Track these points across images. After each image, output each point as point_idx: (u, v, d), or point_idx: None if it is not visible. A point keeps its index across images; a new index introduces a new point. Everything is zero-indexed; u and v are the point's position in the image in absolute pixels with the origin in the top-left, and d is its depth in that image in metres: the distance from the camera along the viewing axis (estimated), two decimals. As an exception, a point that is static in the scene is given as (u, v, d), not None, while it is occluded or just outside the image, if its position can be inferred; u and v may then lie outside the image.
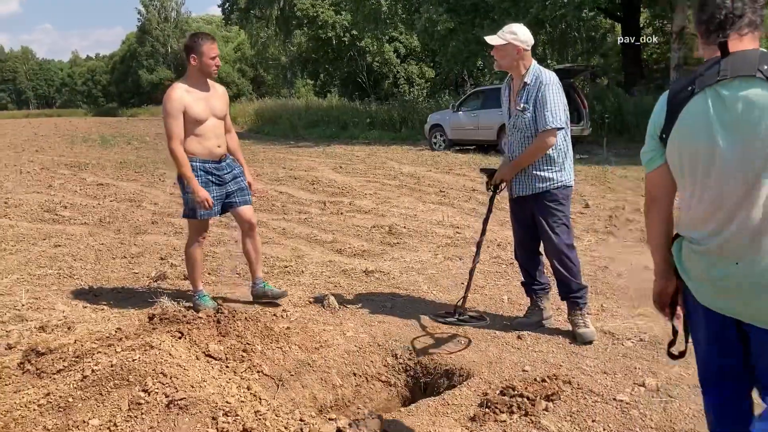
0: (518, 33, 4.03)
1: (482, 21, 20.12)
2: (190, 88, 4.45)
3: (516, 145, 4.21)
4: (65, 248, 6.80)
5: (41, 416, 2.94)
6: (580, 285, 4.16)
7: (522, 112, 4.08)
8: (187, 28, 66.39)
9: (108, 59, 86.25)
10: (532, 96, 4.04)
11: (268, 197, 10.04)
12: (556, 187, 4.10)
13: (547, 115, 3.96)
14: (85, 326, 4.43)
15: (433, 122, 18.81)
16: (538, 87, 4.02)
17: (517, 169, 4.16)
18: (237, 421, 2.70)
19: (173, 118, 4.35)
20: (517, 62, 4.06)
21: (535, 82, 4.04)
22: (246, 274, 5.86)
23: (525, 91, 4.07)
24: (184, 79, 4.51)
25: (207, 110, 4.49)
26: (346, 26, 34.12)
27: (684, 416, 3.08)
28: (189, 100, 4.40)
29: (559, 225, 4.11)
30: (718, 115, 1.81)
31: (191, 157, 4.46)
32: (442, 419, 3.17)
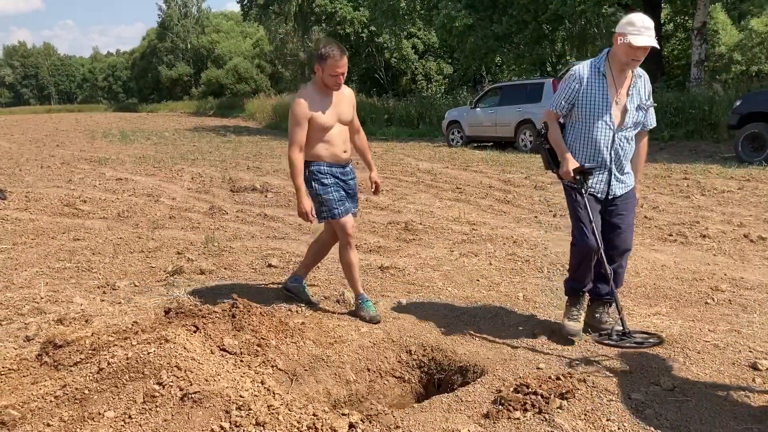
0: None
1: (500, 17, 20.04)
2: (316, 94, 4.33)
3: (620, 145, 3.95)
4: (84, 242, 6.87)
5: (57, 408, 2.97)
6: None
7: (643, 110, 3.98)
8: (207, 24, 66.72)
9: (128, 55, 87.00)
10: (644, 91, 3.97)
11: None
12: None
13: (653, 112, 4.04)
14: (103, 319, 4.47)
15: (451, 119, 18.77)
16: (645, 81, 3.97)
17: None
18: (250, 415, 2.71)
19: (298, 126, 4.28)
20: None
21: (643, 76, 3.98)
22: (262, 269, 5.90)
23: (635, 86, 3.92)
24: (312, 83, 4.38)
25: (333, 117, 4.38)
26: (364, 22, 34.11)
27: (699, 416, 3.05)
28: (315, 108, 4.30)
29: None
30: None
31: (318, 162, 4.39)
32: (456, 416, 3.16)
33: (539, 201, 9.07)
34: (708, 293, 4.92)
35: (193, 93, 62.83)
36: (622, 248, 4.04)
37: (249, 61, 58.94)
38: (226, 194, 10.22)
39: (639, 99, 3.92)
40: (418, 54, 36.45)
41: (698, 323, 4.30)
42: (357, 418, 2.90)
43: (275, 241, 7.01)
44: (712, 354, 3.78)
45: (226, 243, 6.85)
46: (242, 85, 56.67)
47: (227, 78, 57.34)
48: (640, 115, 3.94)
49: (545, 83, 15.88)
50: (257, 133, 27.16)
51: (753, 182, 9.87)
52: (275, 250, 6.52)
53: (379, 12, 26.98)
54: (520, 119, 16.23)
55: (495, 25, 19.91)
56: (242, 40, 64.33)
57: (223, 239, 7.04)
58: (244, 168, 13.51)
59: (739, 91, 16.31)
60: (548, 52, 21.40)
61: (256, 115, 38.03)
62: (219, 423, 2.68)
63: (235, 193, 10.26)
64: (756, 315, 4.45)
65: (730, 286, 5.09)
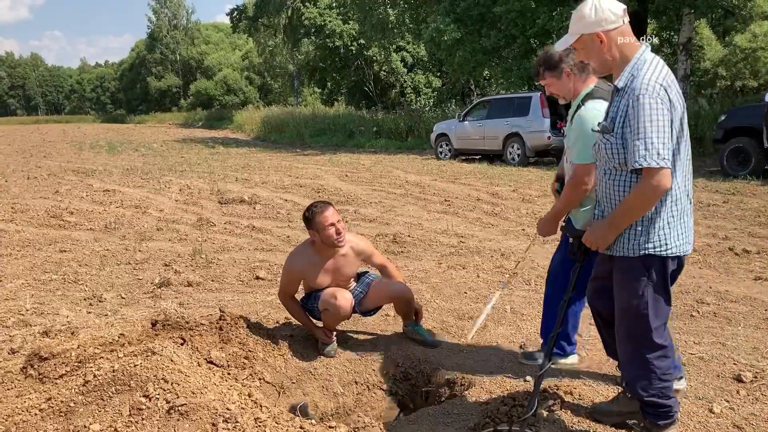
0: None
1: (489, 31, 20.19)
2: (315, 255, 4.05)
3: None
4: (70, 254, 6.83)
5: (42, 421, 2.95)
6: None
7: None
8: (197, 35, 66.75)
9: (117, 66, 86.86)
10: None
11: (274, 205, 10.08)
12: None
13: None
14: (89, 332, 4.43)
15: (439, 131, 18.86)
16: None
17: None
18: (237, 427, 2.70)
19: (287, 280, 4.13)
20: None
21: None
22: (249, 281, 5.89)
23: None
24: (310, 243, 4.07)
25: (328, 279, 4.10)
26: (353, 35, 34.31)
27: (684, 428, 3.07)
28: (309, 269, 4.05)
29: None
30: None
31: (318, 292, 4.15)
32: (443, 428, 3.17)
33: (526, 214, 9.12)
34: (693, 306, 4.96)
35: (182, 104, 62.81)
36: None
37: (238, 72, 59.05)
38: (214, 206, 10.20)
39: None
40: (406, 67, 36.68)
41: (683, 335, 4.33)
42: (344, 430, 2.90)
43: (263, 253, 7.00)
44: (697, 366, 3.81)
45: (213, 255, 6.83)
46: (231, 97, 56.76)
47: (216, 89, 57.41)
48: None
49: (533, 97, 16.00)
50: (246, 145, 27.16)
51: (738, 196, 9.97)
52: (263, 262, 6.51)
53: (368, 25, 27.13)
54: (508, 132, 16.32)
55: (483, 39, 20.04)
56: (231, 51, 64.49)
57: (211, 251, 7.03)
58: (232, 180, 13.50)
59: (724, 106, 16.50)
60: (536, 66, 21.53)
61: (245, 126, 38.06)
62: (206, 436, 2.66)
63: (223, 205, 10.24)
64: (740, 327, 4.49)
65: (715, 299, 5.13)
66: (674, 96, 2.55)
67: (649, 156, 2.45)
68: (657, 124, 2.46)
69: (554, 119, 15.61)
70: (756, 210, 8.70)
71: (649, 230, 2.64)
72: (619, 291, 2.81)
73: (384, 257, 4.45)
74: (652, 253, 2.66)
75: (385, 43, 29.68)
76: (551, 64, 3.39)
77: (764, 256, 6.44)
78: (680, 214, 2.68)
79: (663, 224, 2.64)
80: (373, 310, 4.35)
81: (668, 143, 2.47)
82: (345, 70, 37.07)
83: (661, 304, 2.74)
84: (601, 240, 2.76)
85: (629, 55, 2.66)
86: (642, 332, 2.74)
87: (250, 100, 55.58)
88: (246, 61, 59.31)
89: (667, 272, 2.73)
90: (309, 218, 3.93)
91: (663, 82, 2.55)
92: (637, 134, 2.49)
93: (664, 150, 2.45)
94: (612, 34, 2.65)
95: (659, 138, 2.45)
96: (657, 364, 2.75)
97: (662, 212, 2.63)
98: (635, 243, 2.67)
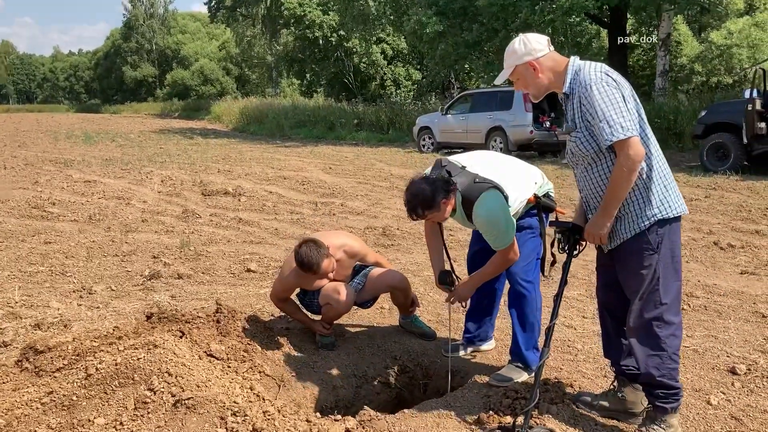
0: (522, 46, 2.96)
1: (471, 24, 20.20)
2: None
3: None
4: (56, 245, 6.73)
5: (44, 415, 2.91)
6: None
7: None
8: (173, 25, 65.94)
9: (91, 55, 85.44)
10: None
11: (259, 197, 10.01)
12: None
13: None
14: (82, 324, 4.39)
15: (422, 124, 18.87)
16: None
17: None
18: (246, 421, 2.69)
19: (282, 288, 4.09)
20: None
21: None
22: (241, 274, 5.86)
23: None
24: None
25: (325, 282, 4.02)
26: (333, 26, 34.09)
27: (684, 419, 3.12)
28: (306, 280, 3.96)
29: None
30: None
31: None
32: (446, 421, 3.18)
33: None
34: (684, 299, 5.02)
35: (158, 94, 62.04)
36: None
37: (215, 63, 58.47)
38: (197, 198, 10.11)
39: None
40: (386, 59, 36.55)
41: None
42: (353, 423, 2.90)
43: (252, 245, 6.96)
44: (692, 359, 3.88)
45: (201, 247, 6.78)
46: (208, 87, 56.22)
47: (193, 80, 56.81)
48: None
49: (516, 91, 16.04)
50: (224, 136, 26.96)
51: (719, 191, 10.12)
52: (253, 255, 6.47)
53: (349, 17, 26.98)
54: (491, 126, 16.38)
55: (465, 33, 20.05)
56: (208, 41, 63.79)
57: (199, 243, 6.97)
58: (214, 171, 13.38)
59: (703, 102, 16.72)
60: (517, 60, 21.60)
61: (223, 117, 37.73)
62: (215, 429, 2.64)
63: (206, 197, 10.15)
64: (731, 321, 4.57)
65: (704, 293, 5.21)
66: (617, 77, 2.78)
67: (615, 131, 2.64)
68: (611, 102, 2.68)
69: (536, 113, 15.72)
70: (737, 205, 8.84)
71: (650, 198, 2.79)
72: (628, 275, 2.89)
73: (377, 254, 4.44)
74: (660, 218, 2.78)
75: (365, 35, 29.53)
76: (428, 203, 3.25)
77: (748, 250, 6.55)
78: (668, 175, 2.87)
79: (660, 188, 2.81)
80: (370, 300, 4.34)
81: (627, 115, 2.67)
82: (324, 61, 36.82)
83: (670, 279, 2.83)
84: (600, 230, 2.85)
85: (562, 68, 2.91)
86: (654, 310, 2.82)
87: (227, 90, 55.09)
88: (223, 52, 58.72)
89: (675, 236, 2.88)
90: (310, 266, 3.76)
91: (602, 69, 2.79)
92: (598, 118, 2.69)
93: (626, 121, 2.64)
94: (542, 60, 2.91)
95: (617, 113, 2.66)
96: (668, 342, 2.83)
97: (654, 177, 2.80)
98: (642, 216, 2.79)
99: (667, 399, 2.87)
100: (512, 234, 3.32)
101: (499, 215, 3.26)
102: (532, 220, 3.57)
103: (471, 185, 3.32)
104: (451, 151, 18.01)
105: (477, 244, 3.88)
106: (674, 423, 2.90)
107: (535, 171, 3.67)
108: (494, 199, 3.26)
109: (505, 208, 3.27)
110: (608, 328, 3.20)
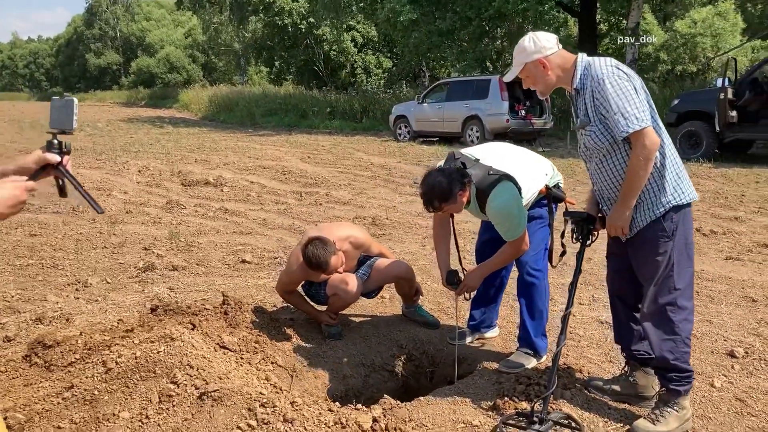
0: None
1: (444, 13, 20.26)
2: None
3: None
4: (42, 237, 6.62)
5: (66, 409, 2.89)
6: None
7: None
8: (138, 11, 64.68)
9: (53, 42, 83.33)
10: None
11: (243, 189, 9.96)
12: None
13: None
14: (84, 318, 4.35)
15: (398, 113, 18.88)
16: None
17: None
18: (276, 411, 2.71)
19: (289, 281, 4.09)
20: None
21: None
22: (236, 265, 5.85)
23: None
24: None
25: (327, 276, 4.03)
26: (303, 13, 33.78)
27: (691, 402, 3.23)
28: (313, 273, 3.92)
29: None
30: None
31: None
32: (462, 407, 3.24)
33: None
34: (675, 285, 5.16)
35: (123, 82, 60.89)
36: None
37: (181, 50, 57.56)
38: (179, 188, 10.01)
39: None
40: (357, 47, 36.39)
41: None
42: (379, 412, 2.95)
43: (242, 236, 6.93)
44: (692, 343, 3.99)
45: (191, 238, 6.74)
46: (174, 75, 55.36)
47: (159, 67, 55.87)
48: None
49: (492, 80, 16.18)
50: (195, 125, 26.63)
51: (694, 178, 10.34)
52: (245, 246, 6.45)
53: (320, 4, 26.79)
54: (467, 115, 16.47)
55: (439, 21, 20.11)
56: (174, 28, 62.74)
57: (188, 234, 6.92)
58: (191, 161, 13.23)
59: (673, 91, 17.03)
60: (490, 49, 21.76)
61: (191, 106, 37.25)
62: (246, 421, 2.66)
63: (187, 187, 10.06)
64: (723, 306, 4.72)
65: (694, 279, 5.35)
66: (627, 70, 2.86)
67: (630, 123, 2.72)
68: (624, 95, 2.75)
69: (512, 102, 15.85)
70: (714, 192, 9.07)
71: (664, 186, 2.86)
72: (643, 262, 2.96)
73: (380, 245, 4.48)
74: (675, 204, 2.86)
75: (336, 23, 29.37)
76: (445, 196, 3.32)
77: (730, 236, 6.74)
78: (679, 162, 2.96)
79: (673, 176, 2.88)
80: (374, 291, 4.39)
81: (641, 106, 2.74)
82: (294, 49, 36.49)
83: (684, 265, 2.93)
84: (621, 221, 2.91)
85: (570, 64, 2.97)
86: (669, 295, 2.91)
87: (194, 78, 54.31)
88: (189, 39, 57.79)
89: (688, 222, 2.95)
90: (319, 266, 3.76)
91: (612, 62, 2.86)
92: (612, 111, 2.76)
93: (640, 112, 2.72)
94: (551, 58, 2.97)
95: (631, 105, 2.73)
96: (682, 326, 2.92)
97: (668, 165, 2.87)
98: (657, 203, 2.87)
99: (681, 382, 2.97)
100: (524, 225, 3.40)
101: (512, 207, 3.33)
102: (542, 210, 3.65)
103: (485, 177, 3.37)
104: (427, 140, 18.09)
105: (486, 234, 3.94)
106: (686, 405, 3.01)
107: (546, 162, 3.75)
108: (508, 191, 3.32)
109: (518, 200, 3.34)
110: (619, 315, 3.29)
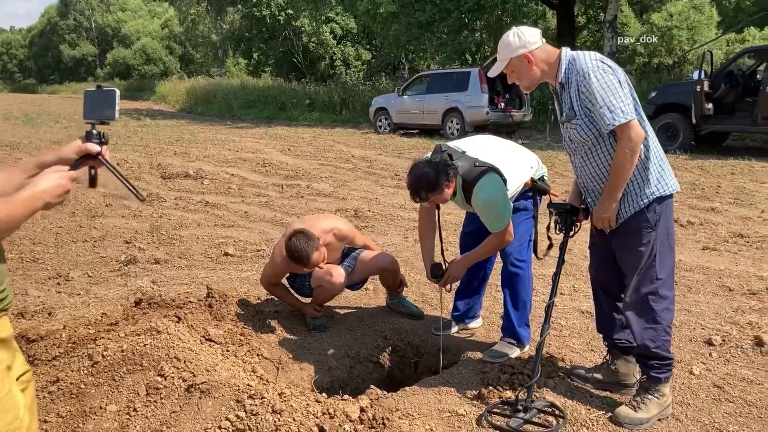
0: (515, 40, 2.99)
1: (424, 5, 20.27)
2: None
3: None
4: (20, 231, 6.52)
5: (53, 403, 2.89)
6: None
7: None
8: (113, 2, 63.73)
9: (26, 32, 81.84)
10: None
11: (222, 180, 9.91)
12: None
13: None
14: (67, 312, 4.33)
15: (378, 105, 18.85)
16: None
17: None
18: (264, 402, 2.72)
19: (273, 273, 4.09)
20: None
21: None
22: (218, 258, 5.84)
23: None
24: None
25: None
26: (281, 5, 33.55)
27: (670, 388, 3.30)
28: (295, 267, 3.91)
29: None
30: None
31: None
32: (447, 397, 3.28)
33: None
34: (654, 275, 5.25)
35: (98, 74, 59.98)
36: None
37: (157, 41, 56.88)
38: (158, 181, 9.93)
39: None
40: (336, 39, 36.24)
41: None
42: (366, 402, 2.97)
43: (224, 229, 6.92)
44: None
45: (173, 231, 6.71)
46: (151, 67, 54.68)
47: (135, 59, 55.15)
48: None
49: (472, 72, 16.22)
50: (173, 117, 26.40)
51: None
52: (227, 239, 6.44)
53: (299, -5, 26.67)
54: (448, 107, 16.50)
55: (419, 13, 20.11)
56: (150, 19, 61.93)
57: (169, 227, 6.89)
58: (170, 153, 13.13)
59: (650, 83, 17.21)
60: (469, 41, 21.80)
61: (168, 98, 36.87)
62: (234, 413, 2.67)
63: (167, 180, 9.99)
64: (701, 295, 4.81)
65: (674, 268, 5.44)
66: (611, 63, 2.91)
67: (615, 116, 2.76)
68: (609, 88, 2.79)
69: (492, 95, 15.91)
70: (690, 183, 9.20)
71: (648, 178, 2.90)
72: (627, 252, 3.03)
73: (365, 237, 4.50)
74: (658, 195, 2.91)
75: (315, 15, 29.22)
76: (432, 186, 3.33)
77: (707, 227, 6.86)
78: (662, 154, 3.01)
79: (657, 168, 2.93)
80: (359, 283, 4.41)
81: (626, 99, 2.79)
82: (272, 40, 36.23)
83: (666, 255, 3.00)
84: (608, 213, 2.95)
85: (554, 59, 2.99)
86: (651, 285, 2.97)
87: (171, 70, 53.71)
88: (166, 30, 57.12)
89: (670, 213, 3.02)
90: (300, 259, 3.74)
91: (597, 56, 2.90)
92: (598, 104, 2.79)
93: (625, 106, 2.76)
94: (536, 53, 2.98)
95: (616, 98, 2.77)
96: (663, 315, 2.99)
97: (652, 157, 2.91)
98: (641, 195, 2.91)
99: (661, 369, 3.03)
100: (509, 216, 3.44)
101: (497, 198, 3.37)
102: (527, 202, 3.69)
103: (471, 169, 3.41)
104: (407, 132, 18.12)
105: (470, 225, 3.98)
106: (666, 392, 3.08)
107: (531, 155, 3.79)
108: (494, 183, 3.36)
109: (503, 192, 3.38)
110: (602, 305, 3.34)
